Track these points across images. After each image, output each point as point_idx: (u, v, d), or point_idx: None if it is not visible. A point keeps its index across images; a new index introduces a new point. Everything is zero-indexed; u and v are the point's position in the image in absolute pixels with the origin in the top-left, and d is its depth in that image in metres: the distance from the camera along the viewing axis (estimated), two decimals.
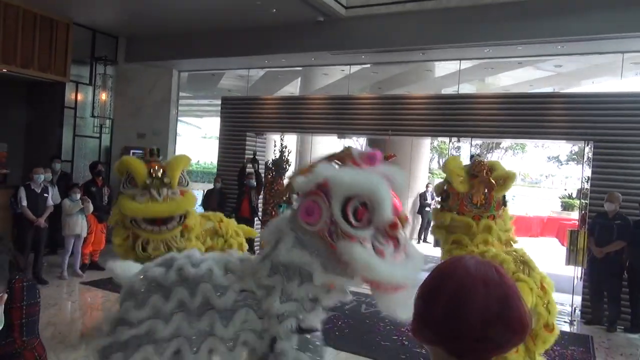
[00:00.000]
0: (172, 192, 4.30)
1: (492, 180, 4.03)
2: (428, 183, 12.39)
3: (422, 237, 12.37)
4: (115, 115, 9.84)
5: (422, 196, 12.10)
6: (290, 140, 11.34)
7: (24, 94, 9.67)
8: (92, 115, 9.53)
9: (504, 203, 4.23)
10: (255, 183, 8.51)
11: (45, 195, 6.72)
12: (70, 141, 9.21)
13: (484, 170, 4.06)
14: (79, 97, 9.33)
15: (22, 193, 6.56)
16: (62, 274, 6.95)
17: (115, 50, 9.84)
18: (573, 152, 24.77)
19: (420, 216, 12.28)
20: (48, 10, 8.31)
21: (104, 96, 9.54)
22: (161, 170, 4.29)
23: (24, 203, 6.56)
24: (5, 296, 1.29)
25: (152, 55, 9.60)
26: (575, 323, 6.46)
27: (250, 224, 8.68)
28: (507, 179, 4.07)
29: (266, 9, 7.38)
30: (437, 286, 0.97)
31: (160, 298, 2.33)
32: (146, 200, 4.14)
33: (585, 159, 7.07)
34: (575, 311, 6.68)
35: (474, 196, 4.01)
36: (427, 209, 11.86)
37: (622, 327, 6.21)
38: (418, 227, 12.36)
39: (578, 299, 6.73)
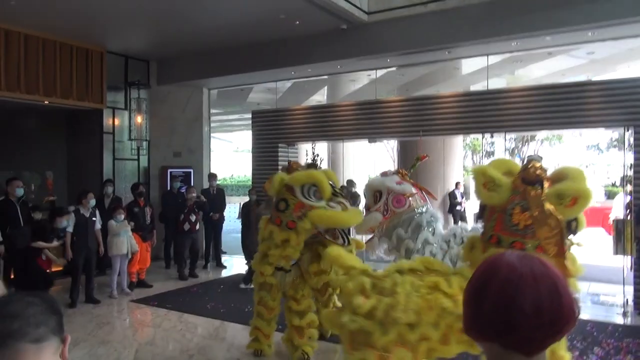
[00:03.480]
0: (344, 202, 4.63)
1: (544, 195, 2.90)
2: (457, 182, 12.16)
3: None
4: (151, 136, 10.16)
5: (452, 195, 11.87)
6: (322, 148, 11.42)
7: (64, 123, 10.13)
8: (130, 139, 9.86)
9: (573, 232, 2.99)
10: None
11: (94, 219, 6.93)
12: (110, 165, 9.56)
13: (538, 177, 2.97)
14: (116, 121, 9.68)
15: (72, 220, 6.68)
16: (112, 293, 7.20)
17: (147, 74, 10.18)
18: (613, 138, 23.96)
19: (451, 215, 12.06)
20: (83, 41, 8.69)
21: (139, 119, 9.87)
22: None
23: (70, 229, 6.67)
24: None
25: (182, 75, 9.90)
26: (628, 314, 6.25)
27: None
28: (578, 197, 2.86)
29: (290, 21, 7.52)
30: (483, 285, 0.99)
31: None
32: (341, 209, 4.42)
33: (626, 145, 6.86)
34: (627, 302, 6.47)
35: (513, 214, 2.94)
36: (458, 207, 11.68)
37: None
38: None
39: (630, 290, 6.51)
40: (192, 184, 9.71)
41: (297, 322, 4.67)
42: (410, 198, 5.01)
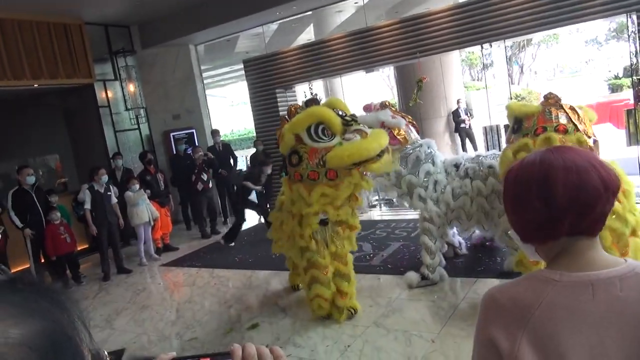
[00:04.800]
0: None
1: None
2: (458, 99, 11.90)
3: None
4: (147, 103, 10.02)
5: (455, 114, 11.62)
6: (319, 87, 11.25)
7: (59, 104, 9.99)
8: (127, 109, 9.74)
9: None
10: None
11: (109, 193, 6.99)
12: (113, 138, 9.50)
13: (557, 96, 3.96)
14: (109, 94, 9.53)
15: (87, 196, 6.79)
16: (141, 261, 7.39)
17: (130, 40, 9.90)
18: (612, 29, 23.32)
19: (457, 135, 11.89)
20: (58, 15, 8.39)
21: (132, 87, 9.70)
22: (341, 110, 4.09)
23: (87, 206, 6.81)
24: None
25: (166, 35, 9.62)
26: None
27: None
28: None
29: None
30: (544, 181, 0.99)
31: None
32: (360, 138, 3.81)
33: (629, 32, 6.66)
34: None
35: (551, 111, 3.81)
36: (463, 125, 11.56)
37: None
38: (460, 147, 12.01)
39: None
40: (197, 144, 9.69)
41: (345, 287, 4.29)
42: (402, 134, 4.74)
